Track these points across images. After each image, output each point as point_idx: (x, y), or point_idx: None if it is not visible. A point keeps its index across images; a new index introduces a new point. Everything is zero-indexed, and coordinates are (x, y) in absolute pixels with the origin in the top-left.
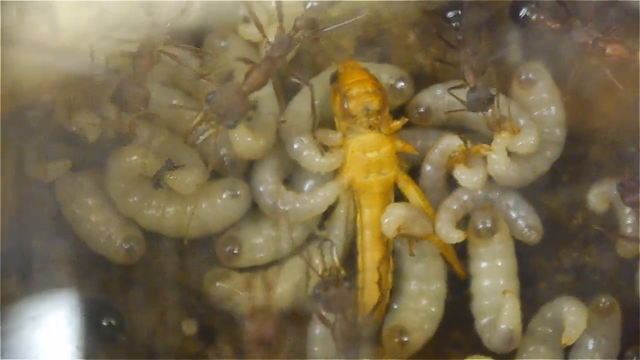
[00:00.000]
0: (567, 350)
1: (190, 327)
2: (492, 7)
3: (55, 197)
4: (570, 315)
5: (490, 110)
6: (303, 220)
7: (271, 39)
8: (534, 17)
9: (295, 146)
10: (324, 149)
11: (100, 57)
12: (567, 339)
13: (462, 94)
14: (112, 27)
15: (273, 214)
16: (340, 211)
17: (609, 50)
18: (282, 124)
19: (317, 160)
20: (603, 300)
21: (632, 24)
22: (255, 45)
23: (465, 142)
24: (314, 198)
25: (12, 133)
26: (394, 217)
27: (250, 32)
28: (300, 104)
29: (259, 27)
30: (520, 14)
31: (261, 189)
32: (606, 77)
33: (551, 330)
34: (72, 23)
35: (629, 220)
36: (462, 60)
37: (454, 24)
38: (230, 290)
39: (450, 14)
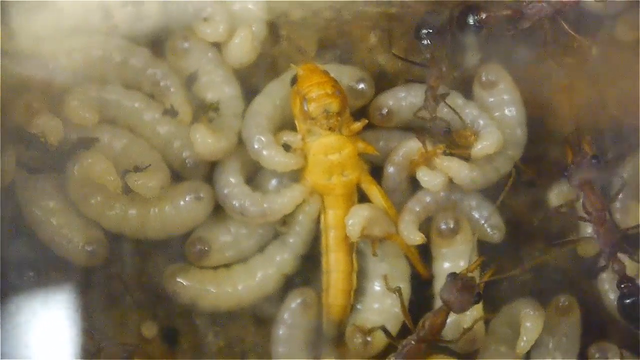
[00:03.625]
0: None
1: (150, 330)
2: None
3: (15, 201)
4: (527, 320)
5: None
6: (270, 221)
7: (235, 41)
8: (483, 16)
9: (256, 145)
10: (285, 149)
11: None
12: (520, 349)
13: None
14: (68, 30)
15: (239, 216)
16: (306, 208)
17: None
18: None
19: (276, 159)
20: (562, 299)
21: None
22: (217, 45)
23: (424, 144)
24: (282, 198)
25: None
26: (358, 218)
27: (210, 31)
28: (261, 104)
29: None
30: (469, 21)
31: (226, 191)
32: (572, 42)
33: (511, 331)
34: (26, 26)
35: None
36: (427, 86)
37: (425, 42)
38: (190, 285)
39: (423, 31)
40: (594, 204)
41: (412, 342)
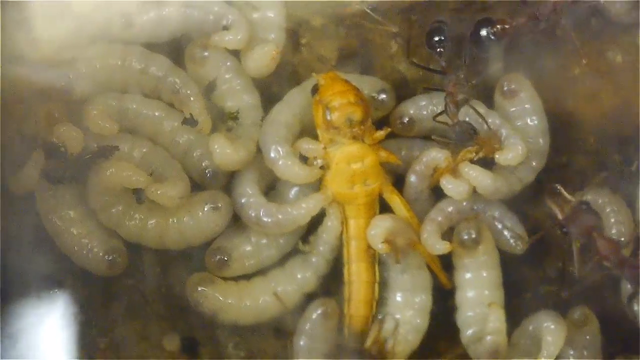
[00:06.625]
0: None
1: (171, 343)
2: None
3: (36, 210)
4: (548, 334)
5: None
6: (286, 232)
7: (254, 55)
8: (498, 28)
9: (272, 155)
10: (302, 160)
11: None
12: None
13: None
14: (89, 38)
15: (256, 226)
16: (328, 224)
17: None
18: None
19: (291, 171)
20: (578, 312)
21: None
22: (236, 53)
23: (451, 153)
24: (297, 210)
25: None
26: (380, 229)
27: (230, 39)
28: (280, 113)
29: None
30: (483, 35)
31: (242, 201)
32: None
33: (532, 344)
34: (49, 35)
35: (614, 230)
36: (446, 92)
37: (437, 49)
38: (212, 295)
39: (435, 39)
40: (608, 247)
41: None
